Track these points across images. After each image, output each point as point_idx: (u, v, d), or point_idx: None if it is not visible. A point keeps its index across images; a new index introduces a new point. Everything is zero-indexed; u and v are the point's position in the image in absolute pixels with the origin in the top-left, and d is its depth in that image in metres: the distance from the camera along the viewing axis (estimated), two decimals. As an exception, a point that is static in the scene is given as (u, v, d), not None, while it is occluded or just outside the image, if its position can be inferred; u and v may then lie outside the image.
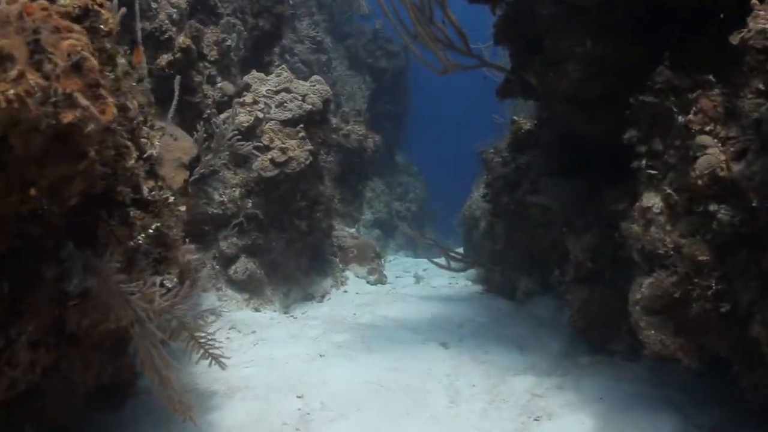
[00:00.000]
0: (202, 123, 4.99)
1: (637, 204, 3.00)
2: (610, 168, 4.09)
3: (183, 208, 2.53)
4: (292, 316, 5.71)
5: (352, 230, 9.04)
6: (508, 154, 5.85)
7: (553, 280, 5.06)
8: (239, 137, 5.33)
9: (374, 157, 10.45)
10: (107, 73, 2.33)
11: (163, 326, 2.18)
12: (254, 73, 6.40)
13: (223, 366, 2.49)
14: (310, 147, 6.01)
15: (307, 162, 5.93)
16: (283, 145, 5.83)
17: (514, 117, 5.94)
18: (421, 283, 7.91)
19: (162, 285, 2.30)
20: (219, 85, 5.99)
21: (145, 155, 2.49)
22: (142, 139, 2.53)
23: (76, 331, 2.40)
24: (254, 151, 5.65)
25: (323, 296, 6.52)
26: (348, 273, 7.60)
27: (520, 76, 4.25)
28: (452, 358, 4.40)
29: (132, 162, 2.36)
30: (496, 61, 5.03)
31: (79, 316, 2.30)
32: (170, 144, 4.96)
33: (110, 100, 1.67)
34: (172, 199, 2.46)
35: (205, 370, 3.53)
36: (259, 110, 6.03)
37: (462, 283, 7.64)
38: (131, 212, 2.35)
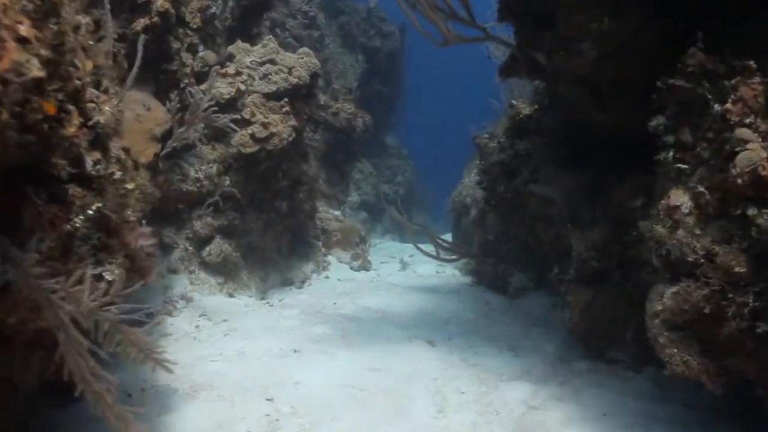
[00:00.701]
0: (176, 92, 4.59)
1: (663, 202, 2.62)
2: (619, 158, 3.75)
3: (131, 186, 2.13)
4: (268, 303, 5.35)
5: (337, 212, 8.67)
6: (506, 139, 5.46)
7: (552, 277, 4.70)
8: (217, 109, 4.91)
9: (363, 137, 10.12)
10: (51, 25, 1.94)
11: (93, 330, 1.80)
12: (239, 43, 5.98)
13: (169, 370, 2.13)
14: (294, 123, 5.61)
15: (290, 138, 5.54)
16: (266, 120, 5.43)
17: (513, 101, 5.56)
18: (407, 270, 7.60)
19: (101, 278, 1.92)
20: (201, 54, 5.55)
21: (90, 122, 2.09)
22: (89, 104, 2.13)
23: (3, 328, 2.03)
24: (231, 125, 5.23)
25: (303, 282, 6.18)
26: (330, 258, 7.26)
27: (526, 54, 3.86)
28: (440, 359, 4.06)
29: (72, 130, 1.97)
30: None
31: (3, 313, 1.92)
32: (142, 114, 4.55)
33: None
34: (119, 174, 2.06)
35: (166, 364, 3.19)
36: (241, 82, 5.63)
37: (450, 272, 7.31)
38: (69, 189, 1.96)
